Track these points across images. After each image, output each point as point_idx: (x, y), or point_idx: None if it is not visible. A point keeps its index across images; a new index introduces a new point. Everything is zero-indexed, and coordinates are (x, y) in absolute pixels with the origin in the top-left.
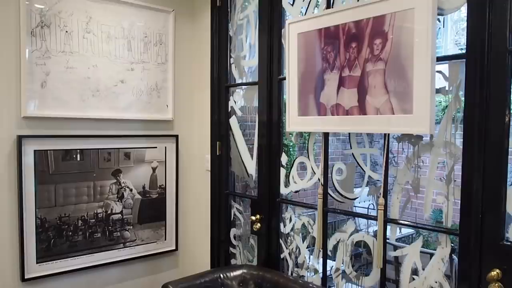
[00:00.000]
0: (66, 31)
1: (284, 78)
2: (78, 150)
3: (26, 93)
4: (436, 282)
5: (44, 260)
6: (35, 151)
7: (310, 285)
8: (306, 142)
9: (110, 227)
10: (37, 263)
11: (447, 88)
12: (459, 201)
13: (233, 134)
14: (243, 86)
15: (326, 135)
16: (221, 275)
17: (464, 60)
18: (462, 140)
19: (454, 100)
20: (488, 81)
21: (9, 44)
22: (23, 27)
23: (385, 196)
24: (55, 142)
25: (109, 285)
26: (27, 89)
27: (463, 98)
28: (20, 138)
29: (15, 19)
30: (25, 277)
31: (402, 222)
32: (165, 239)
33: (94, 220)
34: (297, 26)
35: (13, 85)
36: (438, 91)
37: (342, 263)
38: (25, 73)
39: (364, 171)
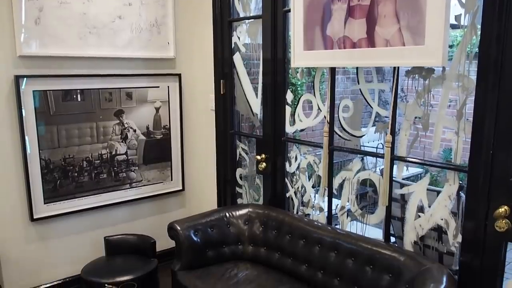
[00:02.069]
0: None
1: (289, 10)
2: (78, 90)
3: (20, 31)
4: (442, 219)
5: (52, 200)
6: (34, 91)
7: (315, 223)
8: (313, 79)
9: (115, 168)
10: (44, 203)
11: (463, 17)
12: (470, 138)
13: (237, 72)
14: (247, 21)
15: (333, 70)
16: (227, 214)
17: None
18: (476, 72)
19: (470, 29)
20: (507, 11)
21: None
22: None
23: (392, 133)
24: (54, 82)
25: (118, 224)
26: (20, 26)
27: (479, 32)
28: (17, 78)
29: None
30: (34, 217)
31: (410, 159)
32: (172, 180)
33: (99, 161)
34: None
35: (5, 21)
36: (454, 26)
37: (348, 202)
38: (17, 8)
39: (372, 108)
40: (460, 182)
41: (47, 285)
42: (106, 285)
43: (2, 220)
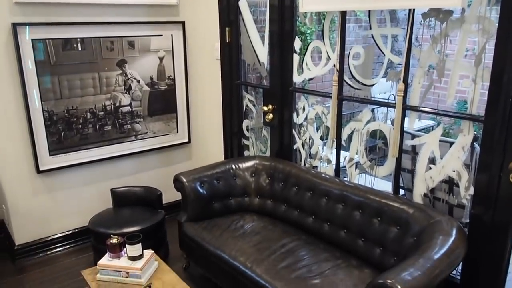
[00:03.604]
0: None
1: None
2: (79, 39)
3: None
4: (454, 171)
5: (57, 152)
6: (32, 40)
7: (323, 175)
8: (322, 27)
9: (120, 120)
10: (50, 155)
11: None
12: (487, 87)
13: (243, 19)
14: None
15: (343, 15)
16: (233, 166)
17: None
18: (498, 16)
19: None
20: None
21: None
22: None
23: (405, 81)
24: (53, 30)
25: (124, 176)
26: None
27: None
28: (15, 26)
29: None
30: (40, 169)
31: (423, 109)
32: (177, 132)
33: (103, 113)
34: None
35: None
36: None
37: (356, 153)
38: None
39: (384, 55)
40: (475, 132)
41: (56, 236)
42: (111, 235)
43: (9, 173)
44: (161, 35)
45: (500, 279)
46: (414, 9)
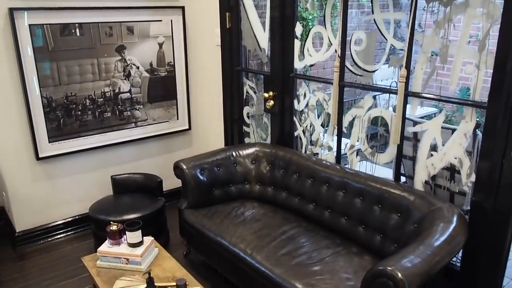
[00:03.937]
0: None
1: None
2: (77, 24)
3: None
4: (455, 158)
5: (56, 139)
6: (30, 25)
7: (323, 162)
8: (324, 13)
9: (119, 107)
10: (49, 142)
11: None
12: (491, 73)
13: (243, 4)
14: None
15: (345, 0)
16: (234, 153)
17: None
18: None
19: None
20: None
21: None
22: None
23: (408, 67)
24: (50, 15)
25: (124, 163)
26: None
27: None
28: (12, 11)
29: None
30: (39, 156)
31: (425, 95)
32: (178, 119)
33: (102, 99)
34: None
35: None
36: None
37: (358, 141)
38: None
39: (387, 40)
40: (477, 119)
41: (57, 223)
42: (111, 222)
43: (9, 160)
44: (161, 21)
45: (500, 266)
46: None
